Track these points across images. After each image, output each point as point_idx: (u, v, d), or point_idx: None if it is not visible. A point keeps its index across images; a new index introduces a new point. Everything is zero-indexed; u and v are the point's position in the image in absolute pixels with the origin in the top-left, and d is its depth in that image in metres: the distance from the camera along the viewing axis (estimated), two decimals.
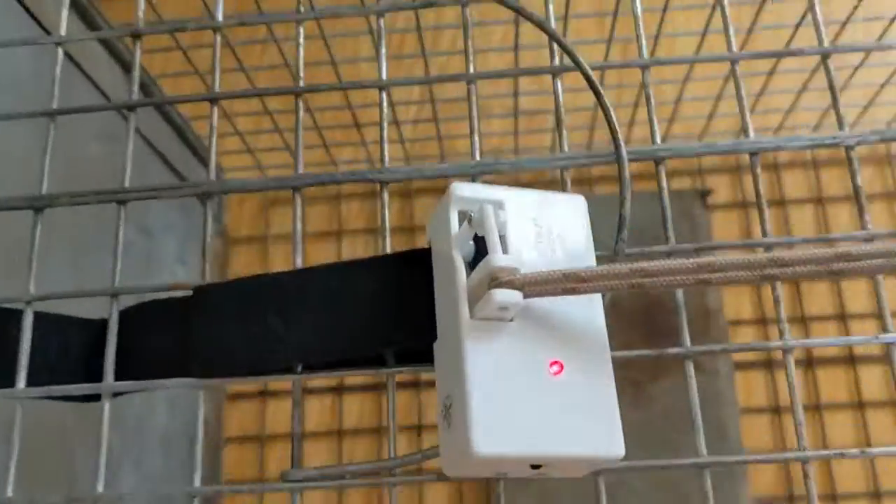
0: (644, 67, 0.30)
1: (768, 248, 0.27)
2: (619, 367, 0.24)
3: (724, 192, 0.73)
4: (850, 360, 0.66)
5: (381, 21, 0.31)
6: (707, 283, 0.22)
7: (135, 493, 0.47)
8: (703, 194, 0.73)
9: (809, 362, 0.67)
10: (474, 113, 0.28)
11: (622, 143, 0.27)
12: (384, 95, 0.29)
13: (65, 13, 0.32)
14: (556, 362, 0.23)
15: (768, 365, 0.68)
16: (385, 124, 0.29)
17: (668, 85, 0.66)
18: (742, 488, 0.65)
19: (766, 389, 0.67)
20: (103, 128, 0.49)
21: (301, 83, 0.30)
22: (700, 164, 0.74)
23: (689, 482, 0.63)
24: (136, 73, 0.31)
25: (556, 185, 0.28)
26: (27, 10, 0.42)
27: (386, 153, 0.29)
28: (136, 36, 0.32)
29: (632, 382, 0.67)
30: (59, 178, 0.30)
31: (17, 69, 0.41)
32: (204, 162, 0.65)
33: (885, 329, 0.26)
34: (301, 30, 0.31)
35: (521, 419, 0.22)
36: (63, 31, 0.32)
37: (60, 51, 0.32)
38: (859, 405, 0.65)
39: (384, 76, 0.30)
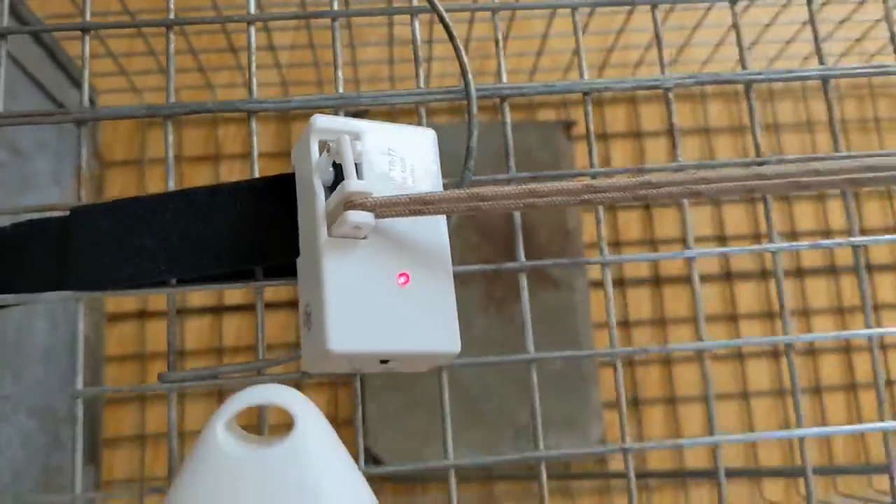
0: (494, 11, 0.33)
1: (594, 177, 0.31)
2: (486, 285, 0.28)
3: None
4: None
5: None
6: (534, 207, 0.26)
7: (15, 396, 0.48)
8: (567, 125, 0.78)
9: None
10: (338, 50, 0.31)
11: (471, 82, 0.30)
12: (252, 30, 0.31)
13: None
14: (403, 274, 0.26)
15: (621, 283, 0.74)
16: (253, 58, 0.31)
17: (537, 20, 0.69)
18: (593, 391, 0.71)
19: (619, 305, 0.74)
20: None
21: (172, 15, 0.31)
22: (565, 98, 0.78)
23: (544, 387, 0.69)
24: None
25: (435, 114, 0.31)
26: None
27: (255, 84, 0.31)
28: None
29: (496, 300, 0.72)
30: None
31: None
32: (76, 83, 0.64)
33: (687, 246, 0.30)
34: None
35: (371, 322, 0.25)
36: None
37: None
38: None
39: (252, 10, 0.31)
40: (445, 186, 0.29)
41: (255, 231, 0.28)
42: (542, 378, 0.70)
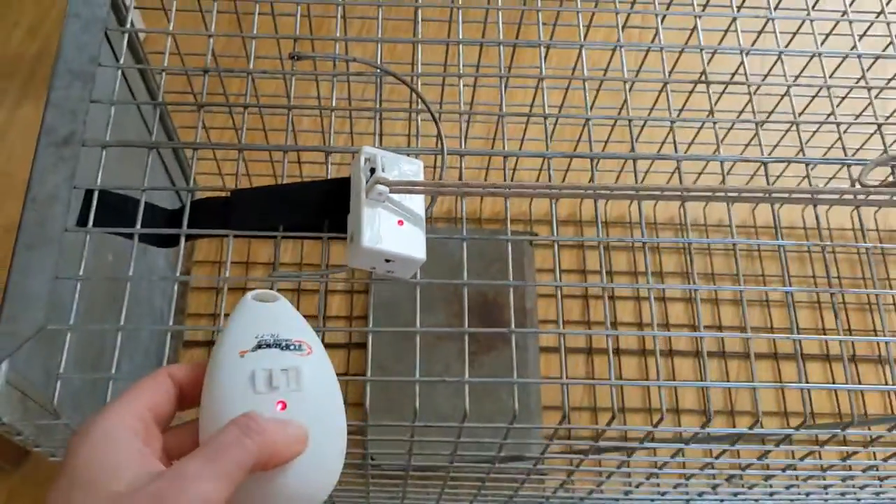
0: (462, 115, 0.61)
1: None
2: (462, 342, 0.53)
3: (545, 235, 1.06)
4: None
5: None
6: (468, 194, 0.53)
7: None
8: (531, 236, 1.06)
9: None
10: (376, 138, 0.59)
11: (444, 143, 0.58)
12: (333, 117, 0.59)
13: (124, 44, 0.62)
14: (400, 221, 0.52)
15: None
16: (332, 137, 0.59)
17: None
18: (536, 421, 0.94)
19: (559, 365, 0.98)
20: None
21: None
22: (532, 216, 1.06)
23: (499, 418, 0.92)
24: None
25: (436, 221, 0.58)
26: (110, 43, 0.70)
27: (332, 138, 0.59)
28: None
29: (471, 353, 0.97)
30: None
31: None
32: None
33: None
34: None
35: (384, 237, 0.51)
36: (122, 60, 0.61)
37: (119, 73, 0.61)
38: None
39: (333, 102, 0.60)
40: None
41: (329, 202, 0.55)
42: (499, 411, 0.93)
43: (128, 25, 0.67)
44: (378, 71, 0.62)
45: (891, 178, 0.62)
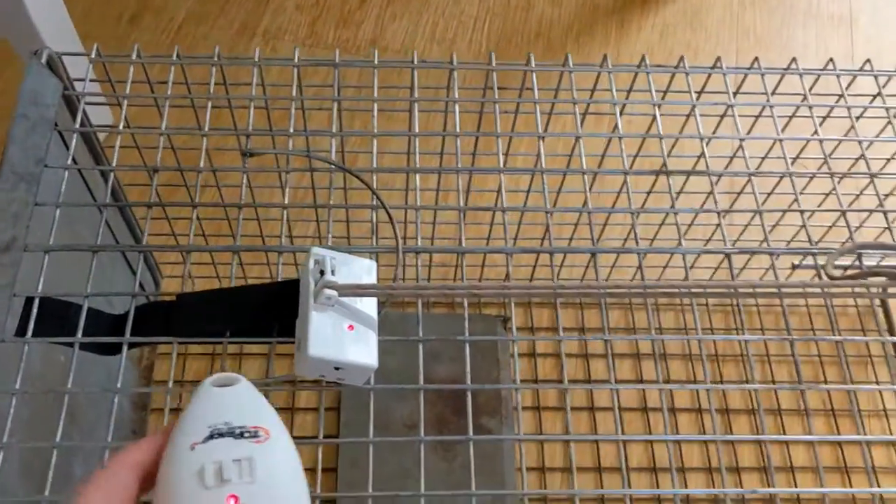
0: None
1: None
2: (436, 432, 0.51)
3: (519, 319, 1.04)
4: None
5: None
6: (421, 297, 0.51)
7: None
8: (505, 320, 1.04)
9: None
10: (329, 229, 0.57)
11: (400, 243, 0.56)
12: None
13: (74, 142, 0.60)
14: (350, 326, 0.50)
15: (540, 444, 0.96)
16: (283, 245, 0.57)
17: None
18: None
19: (537, 455, 0.95)
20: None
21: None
22: (504, 300, 1.04)
23: None
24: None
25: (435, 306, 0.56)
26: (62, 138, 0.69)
27: (287, 230, 0.57)
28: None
29: (444, 445, 0.94)
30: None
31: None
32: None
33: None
34: None
35: (331, 344, 0.49)
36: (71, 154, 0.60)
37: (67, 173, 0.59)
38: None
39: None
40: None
41: (278, 305, 0.53)
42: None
43: (77, 120, 0.66)
44: (333, 167, 0.61)
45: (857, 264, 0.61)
